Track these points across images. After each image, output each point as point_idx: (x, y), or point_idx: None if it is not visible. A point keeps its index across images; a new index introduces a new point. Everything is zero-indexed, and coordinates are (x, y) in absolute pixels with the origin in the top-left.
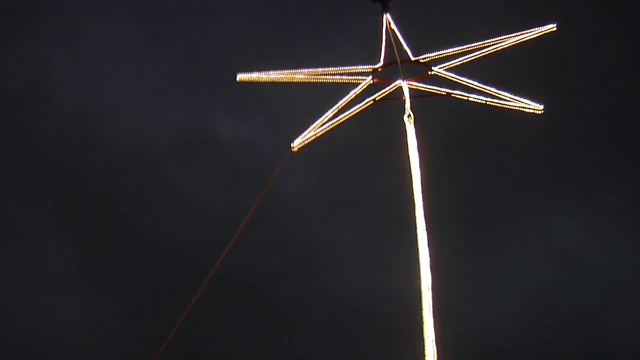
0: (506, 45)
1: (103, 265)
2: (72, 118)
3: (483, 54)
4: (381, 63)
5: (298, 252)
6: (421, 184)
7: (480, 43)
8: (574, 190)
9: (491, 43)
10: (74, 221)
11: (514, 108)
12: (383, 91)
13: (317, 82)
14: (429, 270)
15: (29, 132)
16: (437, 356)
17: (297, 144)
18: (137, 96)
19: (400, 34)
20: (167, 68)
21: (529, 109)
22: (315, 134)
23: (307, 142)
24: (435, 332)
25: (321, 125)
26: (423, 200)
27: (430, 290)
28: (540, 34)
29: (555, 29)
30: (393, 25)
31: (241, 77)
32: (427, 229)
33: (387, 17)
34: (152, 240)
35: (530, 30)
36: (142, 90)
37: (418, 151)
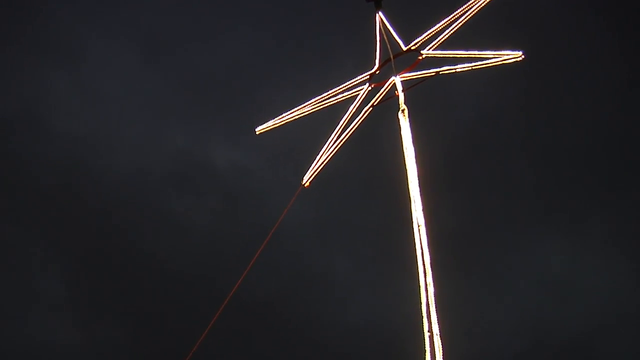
0: (484, 3)
1: (100, 290)
2: (67, 143)
3: (467, 18)
4: (377, 66)
5: (292, 278)
6: (418, 181)
7: (461, 9)
8: (563, 218)
9: (471, 4)
10: (69, 246)
11: (498, 64)
12: (379, 93)
13: (324, 109)
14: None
15: (23, 157)
16: None
17: (307, 179)
18: (133, 122)
19: (393, 28)
20: (165, 94)
21: (510, 59)
22: (323, 163)
23: (316, 173)
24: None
25: (327, 152)
26: (422, 203)
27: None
28: None
29: None
30: (386, 22)
31: (260, 129)
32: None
33: (379, 15)
34: (149, 265)
35: None
36: (138, 116)
37: (413, 145)
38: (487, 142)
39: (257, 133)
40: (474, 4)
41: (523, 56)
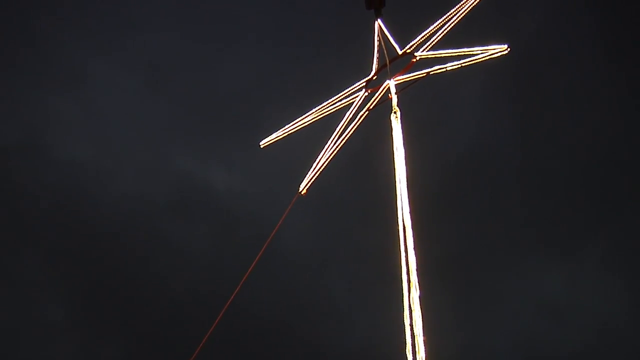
0: (476, 3)
1: (100, 311)
2: (67, 168)
3: (459, 18)
4: (373, 71)
5: (290, 301)
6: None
7: (453, 10)
8: (558, 241)
9: (463, 5)
10: (68, 269)
11: (485, 59)
12: (374, 98)
13: (324, 118)
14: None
15: (23, 182)
16: None
17: (304, 186)
18: (134, 147)
19: (390, 34)
20: (166, 119)
21: (497, 53)
22: (319, 170)
23: (313, 181)
24: None
25: (323, 159)
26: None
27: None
28: None
29: None
30: (384, 29)
31: (264, 143)
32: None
33: (378, 22)
34: (149, 288)
35: None
36: (138, 141)
37: (404, 147)
38: (482, 168)
39: (261, 147)
40: (465, 3)
41: (508, 49)
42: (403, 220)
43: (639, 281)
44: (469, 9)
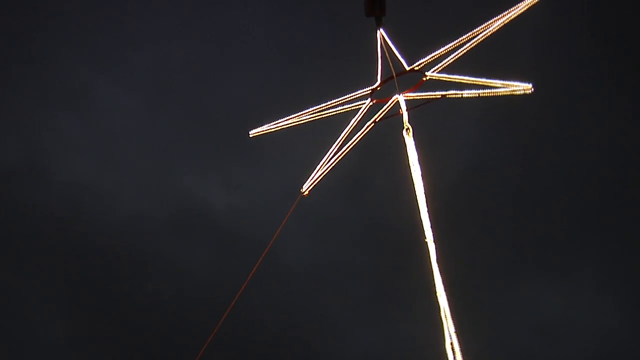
0: (495, 29)
1: (99, 331)
2: (67, 190)
3: (473, 45)
4: (378, 82)
5: (289, 319)
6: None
7: (467, 35)
8: (554, 261)
9: (479, 31)
10: (67, 292)
11: (506, 94)
12: (382, 110)
13: (322, 119)
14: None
15: (22, 203)
16: None
17: (306, 187)
18: (134, 166)
19: (395, 46)
20: (167, 139)
21: (519, 91)
22: (322, 173)
23: (316, 183)
24: None
25: (327, 163)
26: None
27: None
28: (525, 8)
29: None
30: (387, 40)
31: (254, 133)
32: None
33: (380, 32)
34: (148, 307)
35: (515, 7)
36: (138, 161)
37: (420, 164)
38: (479, 190)
39: (250, 136)
40: (481, 31)
41: (532, 89)
42: (426, 238)
43: (633, 301)
44: (484, 37)
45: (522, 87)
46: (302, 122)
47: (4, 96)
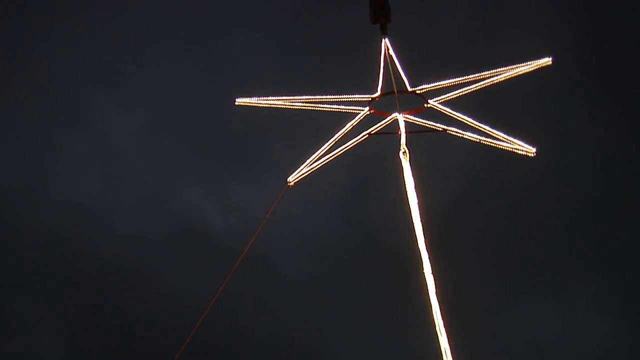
0: (502, 79)
1: (98, 353)
2: (66, 209)
3: (479, 87)
4: (378, 92)
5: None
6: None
7: (476, 75)
8: (548, 282)
9: (487, 76)
10: (66, 311)
11: (507, 149)
12: (379, 124)
13: (314, 111)
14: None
15: (20, 223)
16: None
17: (292, 179)
18: (133, 185)
19: (399, 61)
20: (167, 158)
21: (522, 150)
22: (311, 169)
23: (303, 177)
24: None
25: (317, 160)
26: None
27: None
28: (534, 67)
29: (550, 63)
30: (391, 51)
31: (240, 101)
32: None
33: (385, 41)
34: (147, 327)
35: (526, 63)
36: (138, 180)
37: (416, 190)
38: (474, 210)
39: (236, 104)
40: (488, 75)
41: (535, 153)
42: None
43: (628, 319)
44: (494, 81)
45: (526, 149)
46: (293, 107)
47: (5, 115)
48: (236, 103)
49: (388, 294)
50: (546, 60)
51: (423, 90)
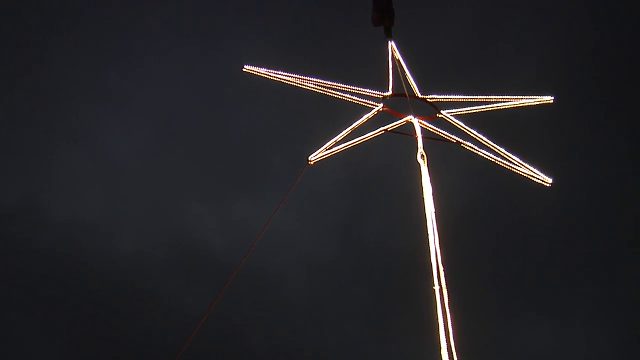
0: (507, 106)
1: None
2: (66, 229)
3: (487, 109)
4: (390, 92)
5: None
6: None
7: (484, 97)
8: (546, 299)
9: (494, 100)
10: (65, 331)
11: (522, 174)
12: (394, 124)
13: (325, 95)
14: None
15: (19, 243)
16: None
17: (313, 158)
18: (133, 204)
19: (406, 65)
20: (164, 176)
21: (538, 179)
22: (330, 153)
23: (322, 158)
24: None
25: (335, 145)
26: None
27: None
28: (537, 102)
29: (552, 101)
30: (398, 55)
31: (248, 68)
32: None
33: (391, 44)
34: (147, 347)
35: (529, 97)
36: (138, 199)
37: (433, 197)
38: (474, 230)
39: (243, 70)
40: (495, 100)
41: (551, 182)
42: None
43: (624, 339)
44: (499, 107)
45: (542, 178)
46: (304, 86)
47: (5, 134)
48: (244, 70)
49: (384, 312)
50: (548, 98)
51: (434, 100)
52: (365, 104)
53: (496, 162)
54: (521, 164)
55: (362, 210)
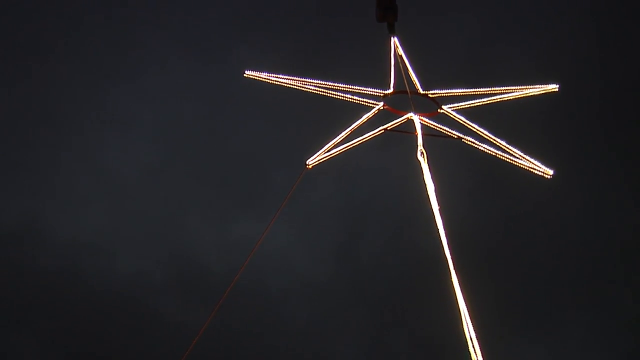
0: (511, 97)
1: None
2: (65, 251)
3: (490, 101)
4: (391, 89)
5: None
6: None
7: (486, 90)
8: (541, 318)
9: (497, 92)
10: (65, 352)
11: (524, 167)
12: (395, 122)
13: (325, 96)
14: None
15: (22, 263)
16: None
17: (311, 162)
18: (133, 224)
19: (409, 61)
20: (165, 196)
21: (539, 171)
22: (328, 155)
23: (321, 161)
24: None
25: (334, 147)
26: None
27: None
28: (541, 92)
29: (557, 90)
30: (400, 51)
31: (249, 74)
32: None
33: (394, 40)
34: None
35: (534, 86)
36: (138, 218)
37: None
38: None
39: (244, 75)
40: (501, 92)
41: (552, 174)
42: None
43: (619, 354)
44: (503, 99)
45: (543, 170)
46: (305, 89)
47: (6, 153)
48: (245, 75)
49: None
50: (553, 87)
51: (436, 95)
52: (366, 104)
53: (497, 155)
54: (522, 157)
55: (358, 232)
